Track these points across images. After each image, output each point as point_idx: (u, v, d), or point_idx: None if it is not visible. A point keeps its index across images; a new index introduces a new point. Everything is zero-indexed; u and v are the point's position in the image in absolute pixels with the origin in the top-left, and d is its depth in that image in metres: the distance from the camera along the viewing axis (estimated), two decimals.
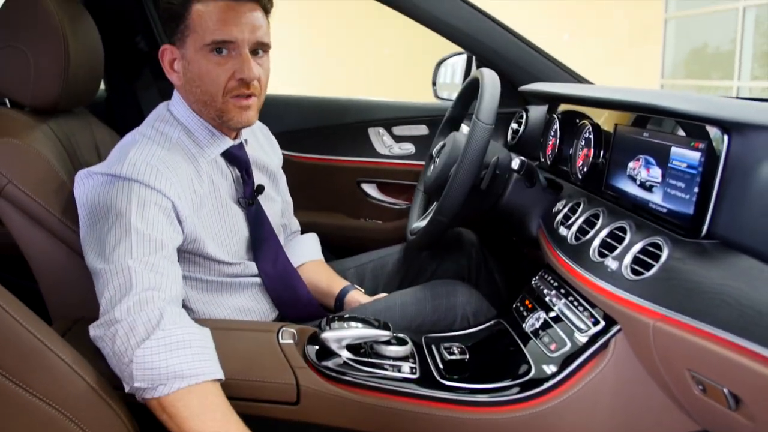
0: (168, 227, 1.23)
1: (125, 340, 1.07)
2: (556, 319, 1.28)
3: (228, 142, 1.39)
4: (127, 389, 1.07)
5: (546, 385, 1.14)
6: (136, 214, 1.19)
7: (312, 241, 1.75)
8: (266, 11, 1.34)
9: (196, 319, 1.17)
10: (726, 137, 0.97)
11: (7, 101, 1.43)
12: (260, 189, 1.47)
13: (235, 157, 1.42)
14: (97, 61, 1.52)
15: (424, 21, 1.98)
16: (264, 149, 1.59)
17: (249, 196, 1.45)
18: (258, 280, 1.47)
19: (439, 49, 2.26)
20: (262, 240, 1.47)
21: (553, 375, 1.15)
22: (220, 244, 1.38)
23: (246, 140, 1.47)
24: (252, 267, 1.46)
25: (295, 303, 1.51)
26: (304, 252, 1.70)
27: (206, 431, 1.04)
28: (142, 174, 1.22)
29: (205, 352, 1.10)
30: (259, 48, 1.32)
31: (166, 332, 1.08)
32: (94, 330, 1.12)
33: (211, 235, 1.36)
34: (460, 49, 2.14)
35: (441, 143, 1.69)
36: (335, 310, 1.58)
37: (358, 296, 1.57)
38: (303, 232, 1.79)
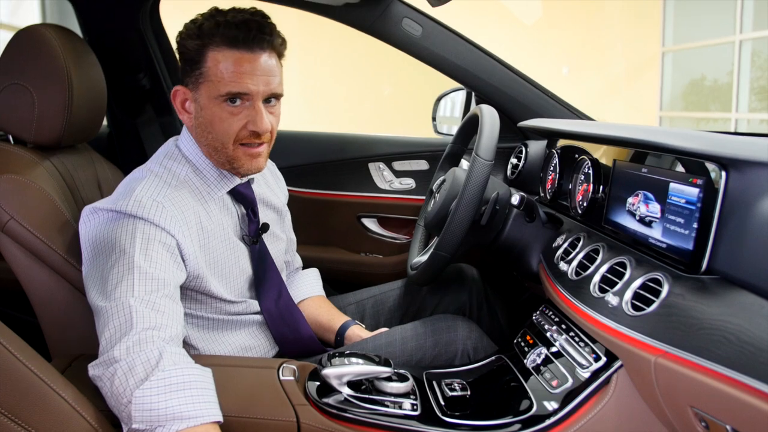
0: (171, 265, 1.23)
1: (124, 380, 1.06)
2: (558, 355, 1.27)
3: (236, 181, 1.40)
4: (125, 429, 1.06)
5: (548, 422, 1.14)
6: (139, 251, 1.18)
7: (313, 276, 1.75)
8: (280, 56, 1.34)
9: (196, 356, 1.16)
10: (724, 173, 0.98)
11: (10, 138, 1.44)
12: (265, 227, 1.48)
13: (242, 196, 1.43)
14: (99, 98, 1.53)
15: (423, 58, 2.00)
16: (270, 185, 1.60)
17: (253, 234, 1.45)
18: (259, 317, 1.46)
19: (438, 85, 2.28)
20: (265, 278, 1.47)
21: (555, 411, 1.14)
22: (223, 282, 1.38)
23: (253, 178, 1.47)
24: (254, 305, 1.45)
25: (297, 341, 1.50)
26: (306, 287, 1.70)
27: None
28: (147, 211, 1.22)
29: (205, 393, 1.08)
30: (272, 97, 1.33)
31: (165, 373, 1.06)
32: (92, 369, 1.11)
33: (215, 272, 1.36)
34: (460, 85, 2.15)
35: (441, 178, 1.71)
36: (336, 345, 1.57)
37: (358, 331, 1.56)
38: (304, 266, 1.79)
